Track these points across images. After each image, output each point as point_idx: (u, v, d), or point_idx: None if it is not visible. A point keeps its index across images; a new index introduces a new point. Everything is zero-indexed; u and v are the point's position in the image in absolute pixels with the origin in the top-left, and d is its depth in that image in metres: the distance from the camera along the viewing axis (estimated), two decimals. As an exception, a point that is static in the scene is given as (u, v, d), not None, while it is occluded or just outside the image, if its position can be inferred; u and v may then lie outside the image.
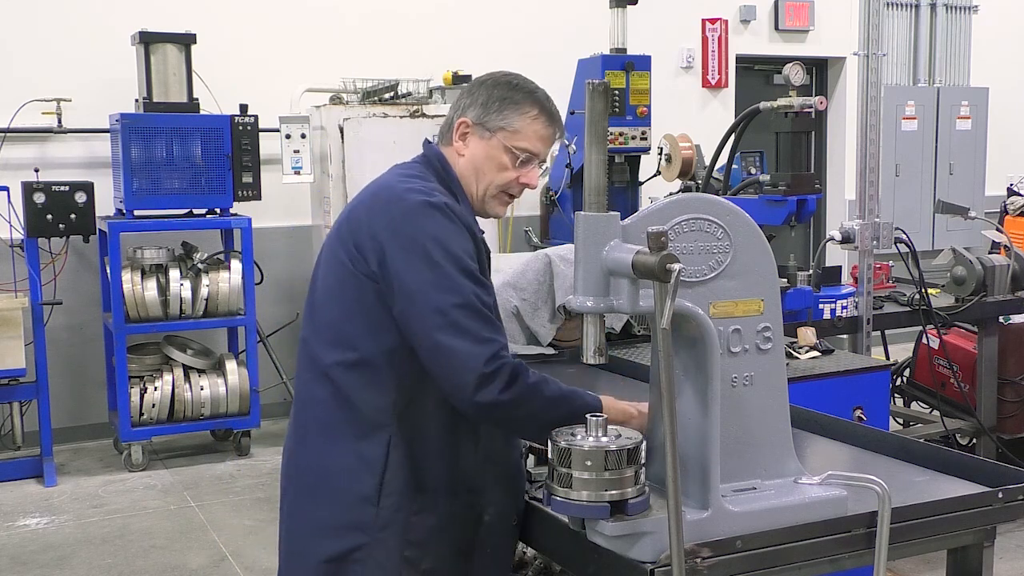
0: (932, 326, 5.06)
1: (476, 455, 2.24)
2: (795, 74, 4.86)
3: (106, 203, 6.48)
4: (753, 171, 5.92)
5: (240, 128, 6.36)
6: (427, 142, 2.39)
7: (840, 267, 5.18)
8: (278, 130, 6.71)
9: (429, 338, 2.10)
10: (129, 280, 6.20)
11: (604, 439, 1.95)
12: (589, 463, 1.92)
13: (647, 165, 7.01)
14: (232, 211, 6.44)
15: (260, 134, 6.50)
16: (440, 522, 2.21)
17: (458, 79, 7.41)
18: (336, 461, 2.21)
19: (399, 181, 2.26)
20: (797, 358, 3.96)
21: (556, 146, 2.47)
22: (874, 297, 4.88)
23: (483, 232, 2.30)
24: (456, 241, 2.15)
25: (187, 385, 6.38)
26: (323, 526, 2.23)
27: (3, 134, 6.52)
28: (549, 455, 1.99)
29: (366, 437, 2.19)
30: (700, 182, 5.76)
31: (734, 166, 5.46)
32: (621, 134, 6.76)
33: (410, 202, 2.17)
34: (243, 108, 6.46)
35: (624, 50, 6.95)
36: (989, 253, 5.84)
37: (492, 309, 2.17)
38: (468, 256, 2.15)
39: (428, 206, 2.16)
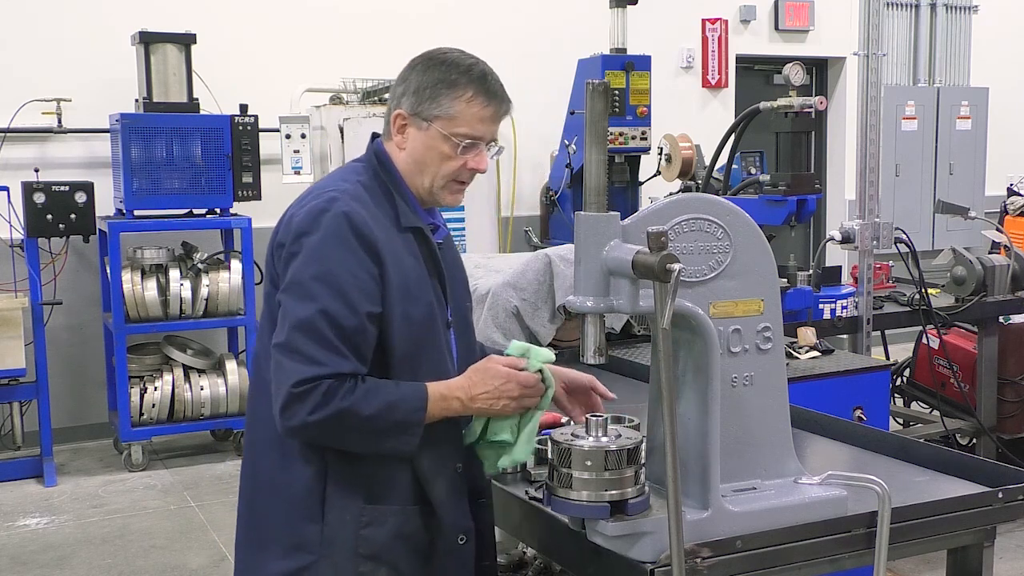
0: (932, 326, 5.06)
1: (431, 464, 2.15)
2: (795, 74, 4.86)
3: (106, 203, 6.48)
4: (753, 171, 5.92)
5: (240, 128, 6.36)
6: (374, 137, 2.28)
7: (840, 267, 5.18)
8: (278, 130, 6.71)
9: (272, 348, 2.06)
10: (129, 280, 6.20)
11: (604, 439, 1.95)
12: (589, 463, 1.92)
13: (647, 165, 7.01)
14: (232, 211, 6.44)
15: (260, 134, 6.50)
16: (393, 533, 2.13)
17: (458, 79, 7.40)
18: (279, 477, 2.15)
19: (327, 183, 2.17)
20: (797, 358, 3.96)
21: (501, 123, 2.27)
22: (874, 297, 4.88)
23: (434, 225, 2.23)
24: (336, 255, 2.03)
25: (187, 385, 6.38)
26: (270, 545, 2.16)
27: (3, 134, 6.52)
28: (549, 455, 1.99)
29: (305, 452, 2.11)
30: (700, 182, 5.77)
31: (734, 166, 5.46)
32: (621, 134, 6.76)
33: (308, 208, 2.08)
34: (243, 108, 6.46)
35: (624, 50, 6.95)
36: (989, 253, 5.84)
37: (350, 330, 2.02)
38: (347, 272, 2.02)
39: (321, 214, 2.06)
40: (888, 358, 5.21)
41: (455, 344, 2.27)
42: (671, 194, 5.54)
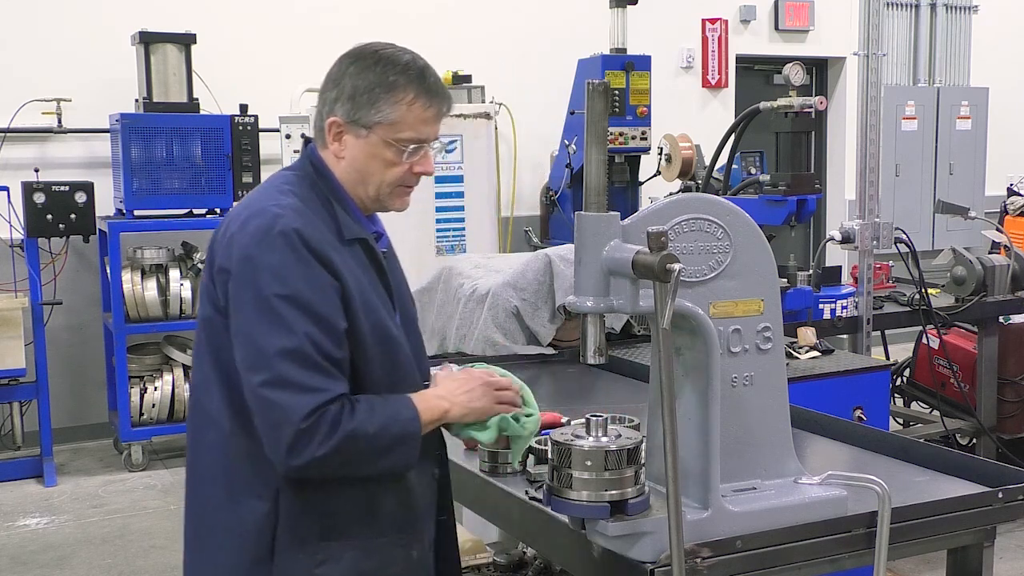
0: (932, 326, 5.06)
1: (399, 491, 2.05)
2: (795, 74, 4.86)
3: (106, 203, 6.48)
4: (753, 171, 5.92)
5: (240, 128, 6.36)
6: (306, 142, 2.14)
7: (840, 267, 5.19)
8: (278, 130, 6.71)
9: (252, 388, 1.90)
10: (129, 280, 6.21)
11: (604, 439, 1.95)
12: (589, 463, 1.92)
13: (647, 165, 7.01)
14: (232, 211, 6.44)
15: (260, 134, 6.50)
16: (350, 570, 2.00)
17: (458, 79, 7.41)
18: (227, 514, 2.01)
19: (261, 198, 2.02)
20: (797, 358, 3.96)
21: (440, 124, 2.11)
22: (874, 297, 4.88)
23: (378, 233, 2.14)
24: (298, 274, 1.90)
25: (187, 385, 6.38)
26: None
27: (3, 134, 6.52)
28: (549, 455, 1.99)
29: (255, 487, 1.98)
30: (700, 182, 5.77)
31: (734, 166, 5.46)
32: (621, 134, 6.77)
33: (252, 229, 1.93)
34: (243, 108, 6.46)
35: (624, 50, 6.95)
36: (989, 253, 5.84)
37: (334, 350, 1.91)
38: (314, 290, 1.91)
39: (269, 233, 1.92)
40: (888, 358, 5.21)
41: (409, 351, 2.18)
42: (671, 194, 5.54)
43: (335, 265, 1.95)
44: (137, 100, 6.43)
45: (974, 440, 5.47)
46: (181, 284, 6.29)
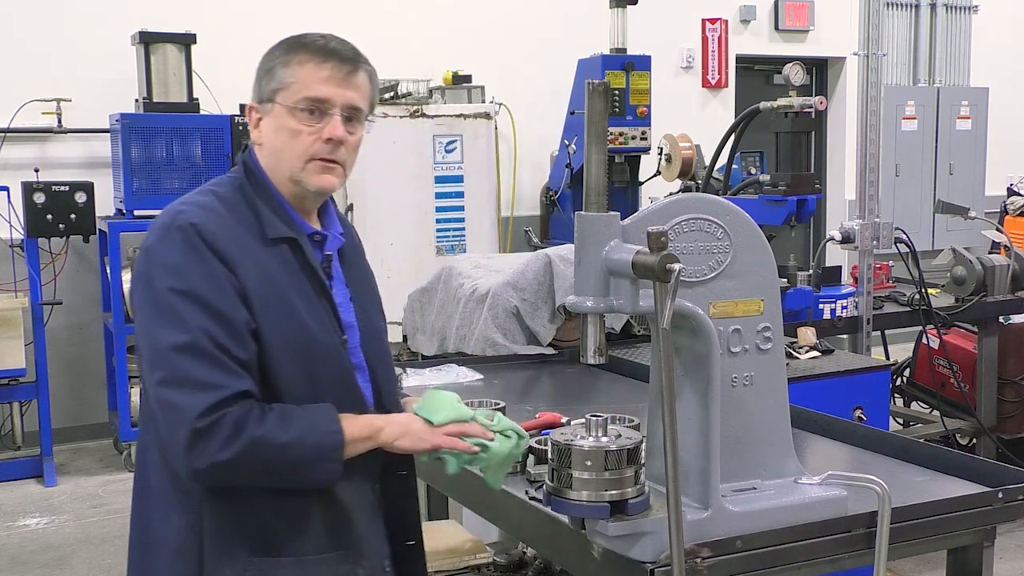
0: (932, 326, 5.06)
1: (331, 506, 1.94)
2: (795, 74, 4.86)
3: (106, 203, 6.48)
4: (753, 171, 5.92)
5: (240, 128, 6.36)
6: (245, 147, 2.06)
7: (840, 267, 5.18)
8: (278, 130, 6.70)
9: (152, 388, 1.82)
10: (129, 280, 6.20)
11: (604, 439, 1.95)
12: (589, 463, 1.92)
13: (647, 165, 7.02)
14: (232, 211, 6.44)
15: (260, 134, 6.49)
16: None
17: (458, 79, 7.42)
18: (160, 529, 1.93)
19: (184, 197, 1.99)
20: (797, 358, 3.96)
21: (358, 87, 1.99)
22: (874, 297, 4.88)
23: (319, 235, 2.01)
24: (193, 269, 1.83)
25: (187, 385, 6.37)
26: None
27: (3, 134, 6.52)
28: (549, 455, 1.99)
29: (180, 498, 1.90)
30: (700, 182, 5.77)
31: (734, 166, 5.46)
32: (621, 134, 6.77)
33: (156, 225, 1.90)
34: (243, 108, 6.46)
35: (624, 50, 6.95)
36: (989, 253, 5.84)
37: (234, 346, 1.82)
38: (210, 285, 1.83)
39: (168, 228, 1.87)
40: (888, 358, 5.21)
41: (366, 367, 2.05)
42: (671, 194, 5.54)
43: (235, 262, 1.86)
44: (137, 100, 6.43)
45: (974, 440, 5.47)
46: (181, 284, 6.29)
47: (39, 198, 6.08)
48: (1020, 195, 7.81)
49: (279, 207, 1.97)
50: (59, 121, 6.66)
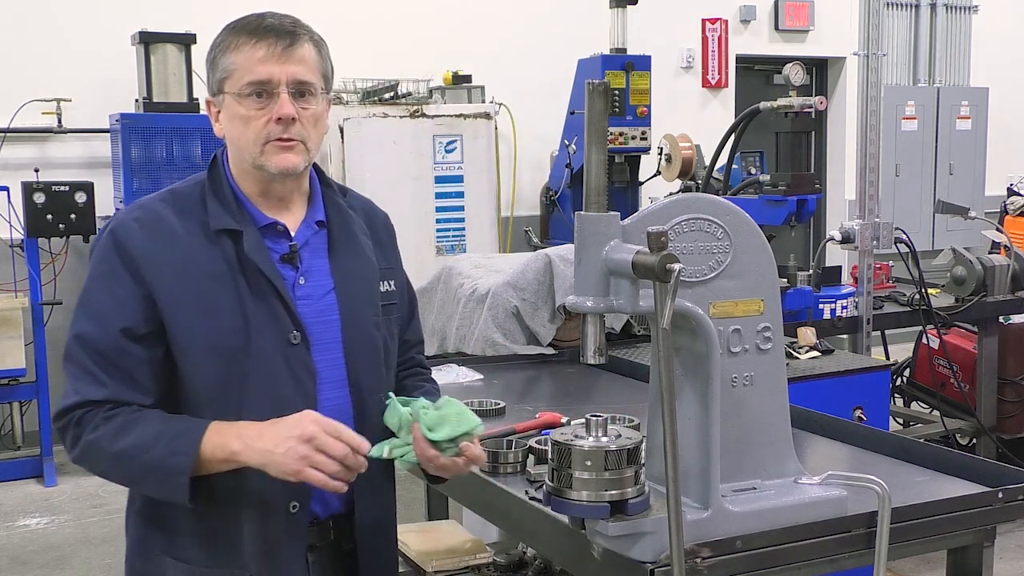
0: (932, 326, 5.06)
1: (225, 527, 1.91)
2: (795, 74, 4.86)
3: (106, 203, 6.48)
4: (753, 171, 5.92)
5: (240, 128, 6.36)
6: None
7: (840, 267, 5.18)
8: (278, 130, 6.71)
9: None
10: (129, 280, 6.21)
11: (604, 439, 1.95)
12: (589, 463, 1.91)
13: (647, 165, 7.02)
14: (232, 211, 6.44)
15: (260, 134, 6.49)
16: None
17: (458, 79, 7.42)
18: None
19: (150, 195, 2.01)
20: (797, 358, 3.96)
21: (302, 60, 1.96)
22: (874, 297, 4.88)
23: (278, 225, 1.95)
24: (98, 272, 1.88)
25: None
26: None
27: (3, 134, 6.52)
28: (549, 455, 1.99)
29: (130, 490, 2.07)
30: (700, 182, 5.77)
31: (734, 166, 5.46)
32: (621, 134, 6.77)
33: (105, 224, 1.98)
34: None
35: (624, 50, 6.95)
36: (989, 253, 5.84)
37: (108, 351, 1.83)
38: (105, 290, 1.86)
39: (103, 232, 1.93)
40: (888, 358, 5.21)
41: (344, 364, 1.97)
42: (671, 194, 5.54)
43: (149, 266, 1.85)
44: (137, 100, 6.43)
45: (974, 440, 5.47)
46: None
47: (39, 198, 6.08)
48: (1020, 195, 7.81)
49: (230, 199, 1.93)
50: (59, 121, 6.66)
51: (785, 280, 4.44)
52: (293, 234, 1.97)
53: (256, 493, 1.88)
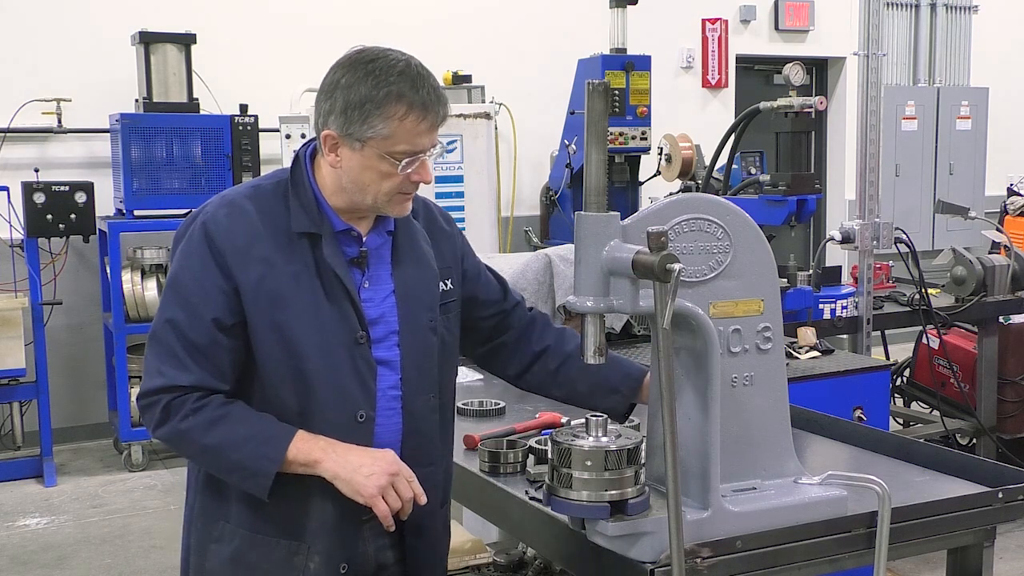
0: (932, 326, 5.06)
1: (289, 503, 2.03)
2: (795, 74, 4.86)
3: (106, 203, 6.48)
4: (753, 171, 5.92)
5: (240, 128, 6.36)
6: (307, 143, 2.14)
7: (840, 267, 5.18)
8: (278, 130, 6.71)
9: None
10: (129, 280, 6.21)
11: (604, 439, 1.95)
12: (589, 463, 1.92)
13: (647, 165, 7.01)
14: (232, 211, 6.44)
15: (260, 134, 6.50)
16: (236, 557, 2.06)
17: (458, 79, 7.42)
18: (190, 472, 2.20)
19: (235, 187, 2.15)
20: (797, 358, 3.96)
21: (439, 139, 2.07)
22: (874, 297, 4.88)
23: (354, 232, 2.07)
24: (189, 263, 2.00)
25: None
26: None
27: (3, 134, 6.52)
28: (549, 455, 1.99)
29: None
30: (700, 182, 5.76)
31: (734, 166, 5.46)
32: (621, 134, 6.76)
33: (190, 216, 2.11)
34: (243, 108, 6.46)
35: (624, 50, 6.95)
36: (989, 253, 5.84)
37: (198, 339, 1.96)
38: (194, 280, 1.98)
39: (191, 222, 2.06)
40: (888, 358, 5.21)
41: (399, 364, 2.10)
42: (671, 194, 5.54)
43: (235, 260, 1.98)
44: (137, 100, 6.43)
45: (974, 440, 5.47)
46: (181, 284, 6.29)
47: (39, 198, 6.08)
48: (1020, 195, 7.80)
49: (312, 204, 2.05)
50: (59, 121, 6.66)
51: (785, 280, 4.44)
52: (364, 240, 2.10)
53: (321, 477, 2.00)
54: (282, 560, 2.04)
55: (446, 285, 2.21)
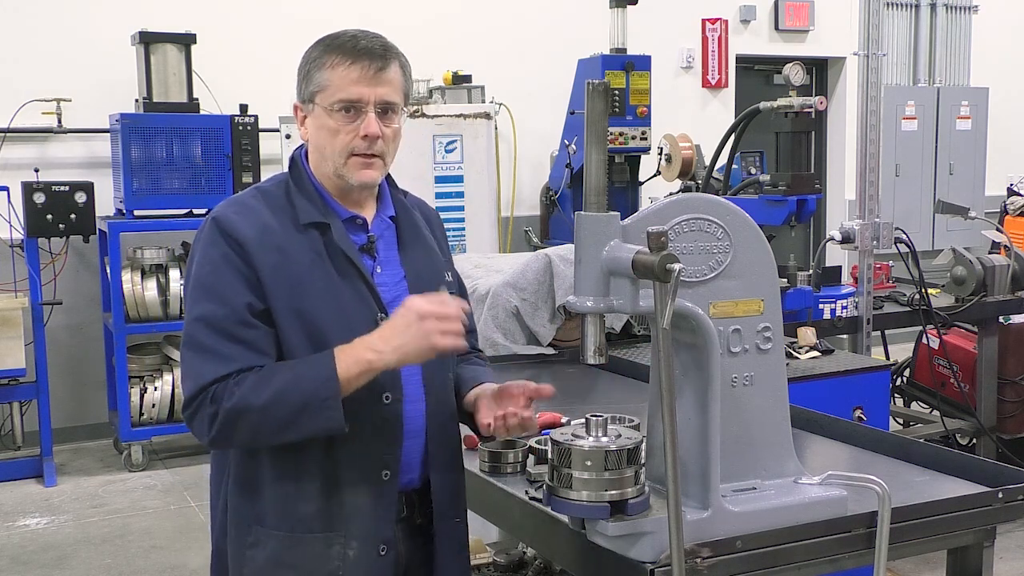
0: (932, 326, 5.06)
1: (323, 494, 2.04)
2: (795, 74, 4.86)
3: (106, 203, 6.48)
4: (753, 171, 5.92)
5: (240, 128, 6.36)
6: (301, 144, 2.22)
7: (840, 267, 5.18)
8: (278, 130, 6.71)
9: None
10: (129, 280, 6.21)
11: (604, 439, 1.95)
12: (589, 463, 1.92)
13: (647, 165, 7.01)
14: (232, 211, 6.44)
15: (260, 134, 6.49)
16: (274, 559, 2.05)
17: (458, 79, 7.42)
18: (214, 490, 2.18)
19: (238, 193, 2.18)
20: (797, 358, 3.96)
21: (390, 82, 2.11)
22: (874, 297, 4.88)
23: (359, 218, 2.12)
24: (209, 258, 2.02)
25: (187, 385, 6.37)
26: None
27: (3, 134, 6.52)
28: (549, 455, 1.99)
29: (217, 473, 2.16)
30: (700, 182, 5.76)
31: (734, 166, 5.46)
32: (621, 134, 6.77)
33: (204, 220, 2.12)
34: (243, 108, 6.46)
35: (624, 50, 6.95)
36: (989, 253, 5.84)
37: (231, 324, 1.97)
38: (216, 270, 2.00)
39: (202, 226, 2.08)
40: (888, 358, 5.21)
41: None
42: (671, 194, 5.54)
43: (252, 249, 2.00)
44: (137, 100, 6.43)
45: (974, 440, 5.47)
46: (181, 284, 6.28)
47: (39, 198, 6.08)
48: (1020, 195, 7.80)
49: (315, 195, 2.10)
50: (59, 121, 6.66)
51: (785, 280, 4.44)
52: (370, 227, 2.14)
53: (352, 462, 2.04)
54: (320, 553, 2.05)
55: (448, 276, 2.25)
